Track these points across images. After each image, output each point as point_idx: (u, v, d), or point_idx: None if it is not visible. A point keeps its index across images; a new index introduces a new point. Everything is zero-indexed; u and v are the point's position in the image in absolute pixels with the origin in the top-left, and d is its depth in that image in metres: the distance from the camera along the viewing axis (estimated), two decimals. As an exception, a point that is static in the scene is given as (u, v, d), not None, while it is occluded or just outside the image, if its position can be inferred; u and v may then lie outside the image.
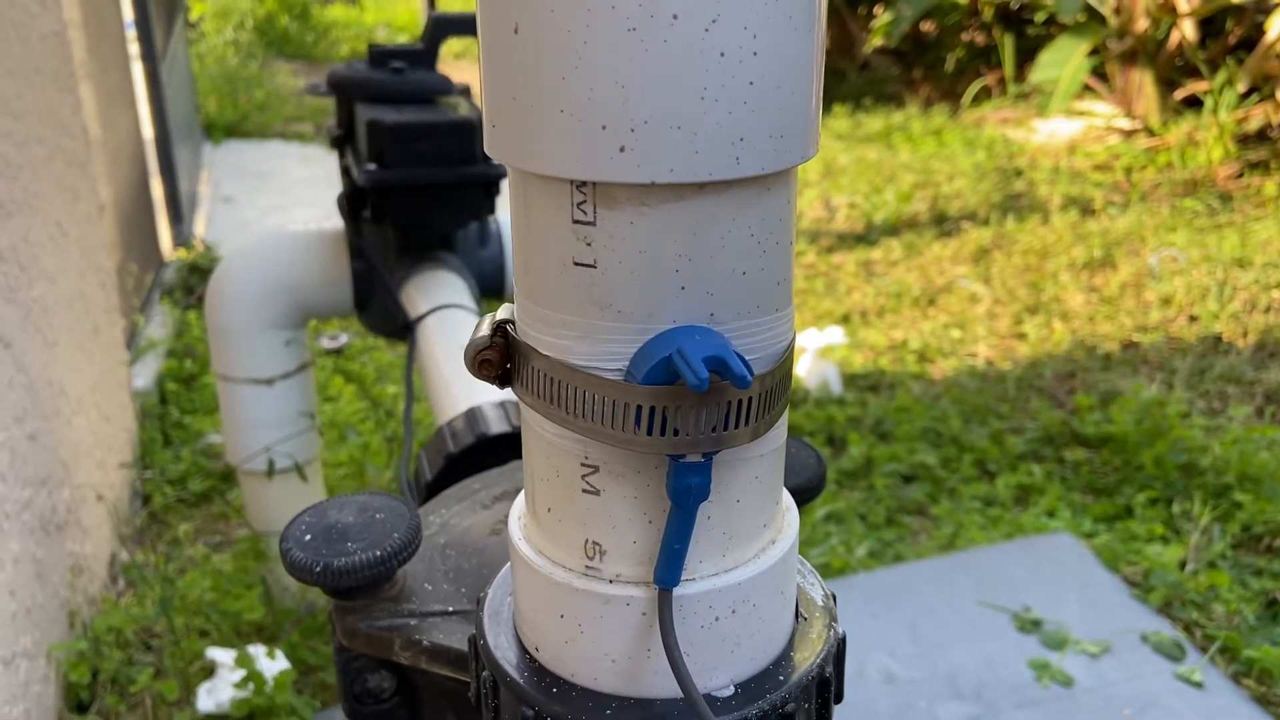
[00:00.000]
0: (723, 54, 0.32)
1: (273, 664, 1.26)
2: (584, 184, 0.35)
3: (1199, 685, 1.37)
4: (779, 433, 0.41)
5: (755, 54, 0.33)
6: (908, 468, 1.97)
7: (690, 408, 0.36)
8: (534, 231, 0.37)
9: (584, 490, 0.39)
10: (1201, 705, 1.34)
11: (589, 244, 0.36)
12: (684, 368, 0.34)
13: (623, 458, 0.38)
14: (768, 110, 0.34)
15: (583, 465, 0.39)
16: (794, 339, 0.40)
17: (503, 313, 0.41)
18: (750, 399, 0.37)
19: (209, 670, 1.31)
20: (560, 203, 0.36)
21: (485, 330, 0.40)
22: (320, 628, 1.42)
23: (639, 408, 0.36)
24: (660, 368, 0.36)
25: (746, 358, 0.36)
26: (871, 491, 1.91)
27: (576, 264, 0.36)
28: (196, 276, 2.75)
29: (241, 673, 1.24)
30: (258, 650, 1.28)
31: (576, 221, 0.36)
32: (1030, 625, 1.48)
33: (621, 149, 0.33)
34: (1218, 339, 2.53)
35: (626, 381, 0.36)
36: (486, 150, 0.38)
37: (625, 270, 0.36)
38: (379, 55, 1.27)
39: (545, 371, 0.38)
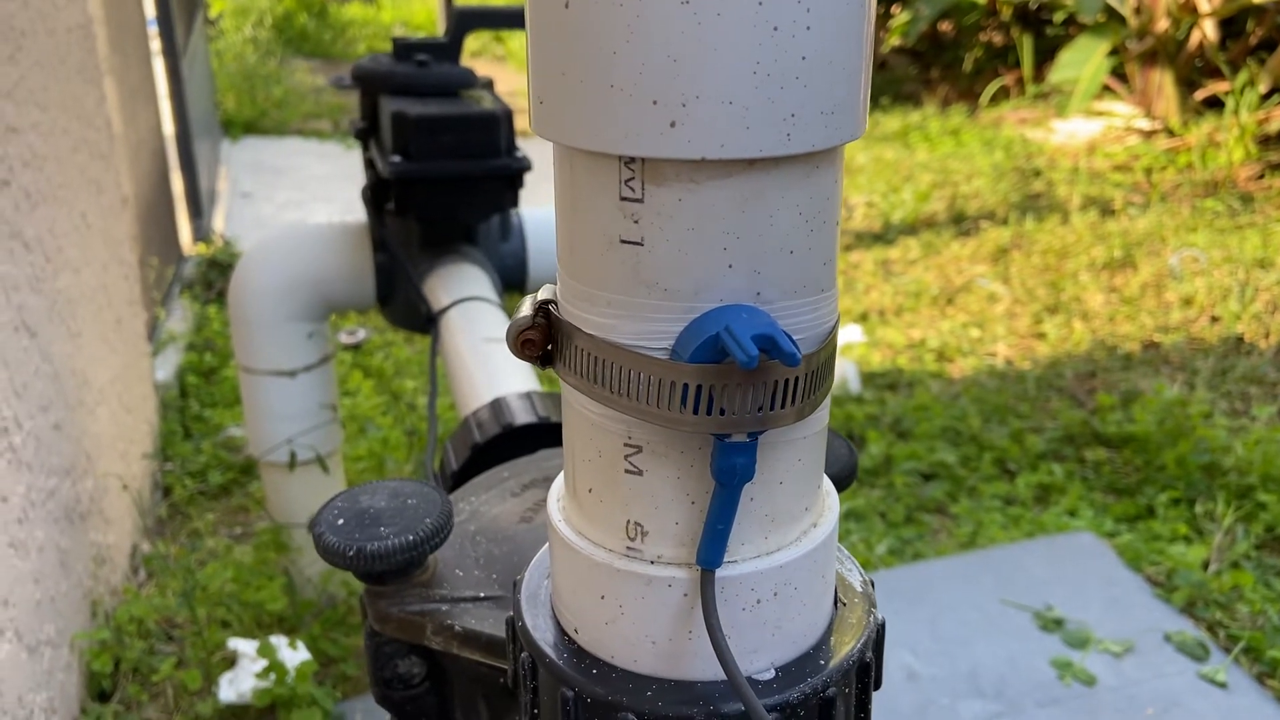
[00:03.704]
0: (776, 28, 0.32)
1: (294, 654, 1.26)
2: (633, 160, 0.35)
3: (1223, 685, 1.36)
4: (822, 415, 0.41)
5: (809, 28, 0.32)
6: (927, 466, 1.97)
7: (737, 387, 0.36)
8: (580, 209, 0.37)
9: (627, 470, 0.39)
10: (1225, 705, 1.33)
11: (636, 221, 0.36)
12: (733, 346, 0.34)
13: (666, 438, 0.38)
14: (819, 86, 0.33)
15: (626, 445, 0.39)
16: (838, 320, 0.40)
17: (544, 293, 0.41)
18: (797, 379, 0.36)
19: (230, 660, 1.31)
20: (608, 180, 0.36)
21: (527, 310, 0.40)
22: (340, 619, 1.43)
23: (685, 386, 0.36)
24: (707, 346, 0.35)
25: (793, 337, 0.36)
26: (891, 489, 1.90)
27: (623, 241, 0.36)
28: (215, 271, 2.76)
29: (262, 663, 1.25)
30: (279, 641, 1.28)
31: (624, 199, 0.35)
32: (1052, 624, 1.47)
33: (672, 124, 0.33)
34: (1239, 340, 2.52)
35: (672, 360, 0.36)
36: (533, 128, 0.37)
37: (672, 248, 0.35)
38: (403, 48, 1.27)
39: (589, 351, 0.38)
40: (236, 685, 1.25)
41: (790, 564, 0.40)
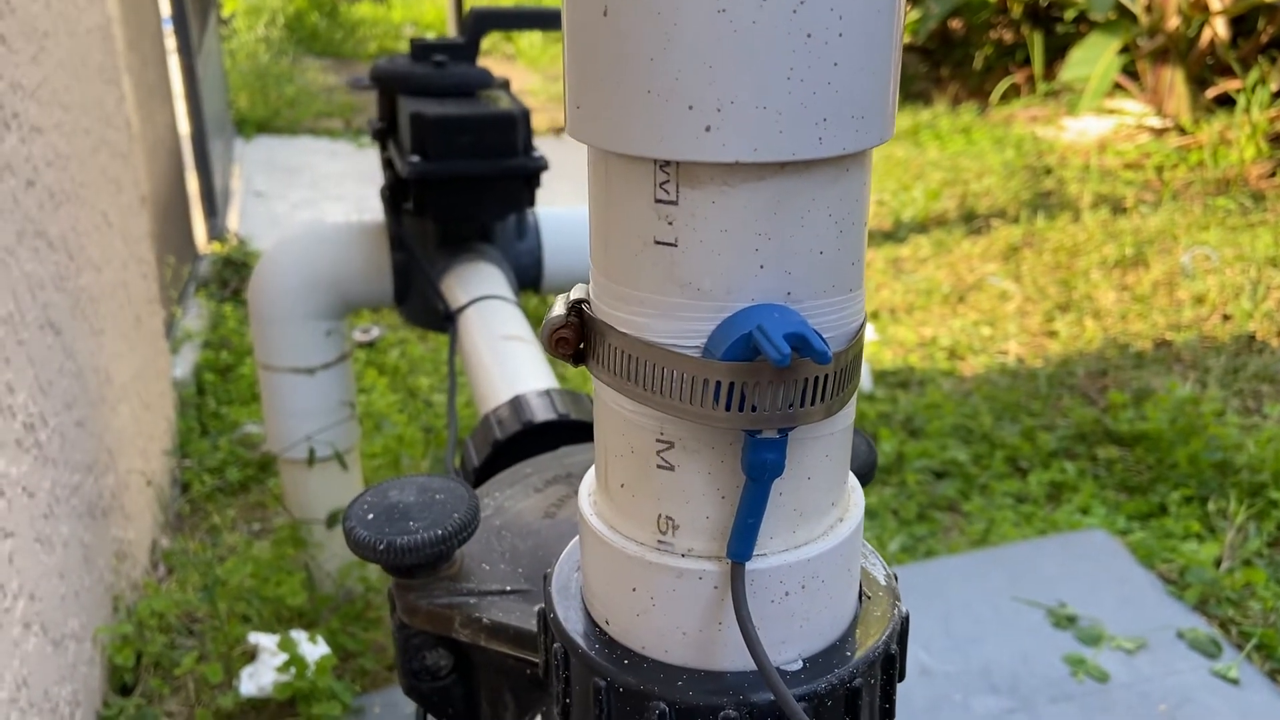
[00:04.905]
0: (809, 35, 0.33)
1: (314, 649, 1.28)
2: (667, 164, 0.36)
3: (1235, 682, 1.37)
4: (849, 412, 0.42)
5: (841, 35, 0.33)
6: (939, 464, 1.97)
7: (768, 384, 0.37)
8: (614, 211, 0.38)
9: (659, 466, 0.40)
10: (1238, 702, 1.34)
11: (670, 223, 0.36)
12: (765, 344, 0.35)
13: (698, 433, 0.39)
14: (850, 91, 0.34)
15: (658, 441, 0.40)
16: (865, 319, 0.41)
17: (577, 292, 0.42)
18: (826, 376, 0.37)
19: (251, 654, 1.33)
20: (643, 183, 0.36)
21: (560, 309, 0.41)
22: (359, 614, 1.44)
23: (718, 384, 0.37)
24: (739, 344, 0.36)
25: (823, 335, 0.37)
26: (903, 487, 1.91)
27: (657, 243, 0.37)
28: (230, 269, 2.78)
29: (283, 657, 1.26)
30: (299, 635, 1.30)
31: (659, 201, 0.36)
32: (1065, 621, 1.48)
33: (707, 129, 0.34)
34: (1252, 338, 2.51)
35: (705, 358, 0.37)
36: (569, 133, 0.38)
37: (706, 249, 0.36)
38: (420, 49, 1.28)
39: (622, 349, 0.39)
40: (257, 679, 1.27)
41: (818, 557, 0.41)
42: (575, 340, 0.41)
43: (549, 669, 0.46)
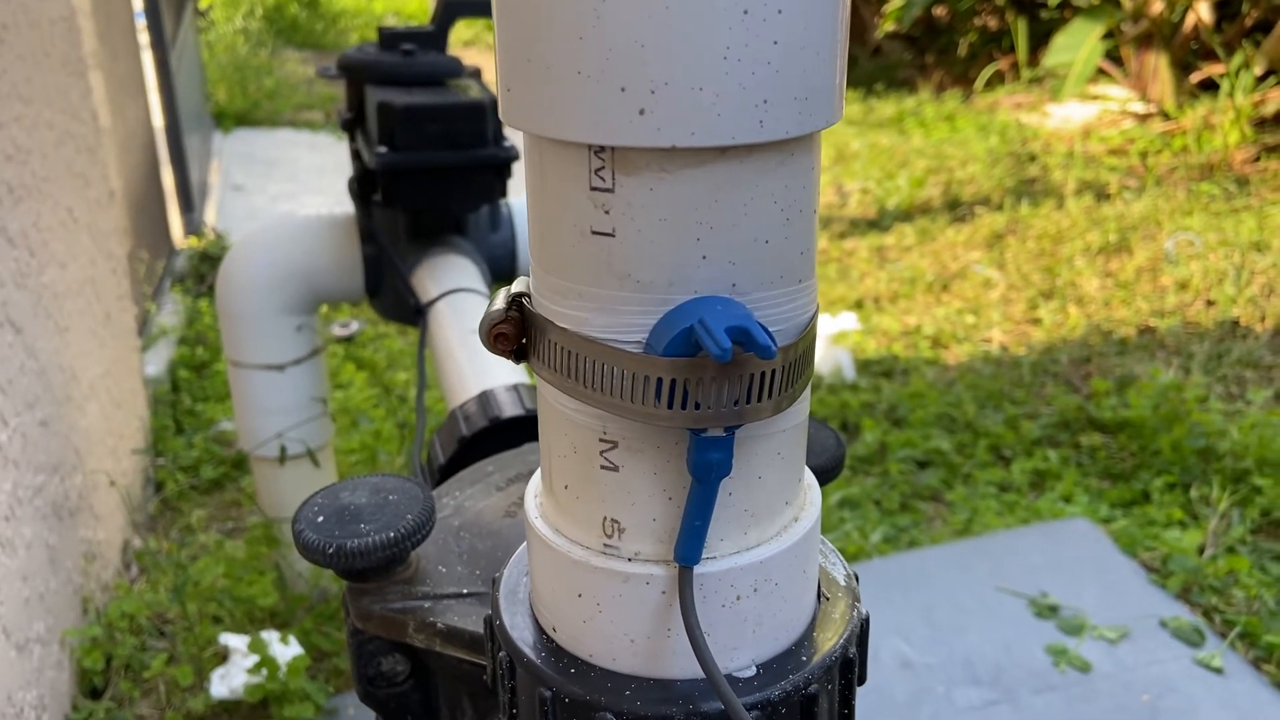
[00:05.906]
0: (746, 11, 0.31)
1: (286, 649, 1.26)
2: (602, 149, 0.34)
3: (1219, 671, 1.36)
4: (802, 408, 0.40)
5: (780, 11, 0.32)
6: (922, 453, 1.96)
7: (712, 380, 0.35)
8: (550, 200, 0.36)
9: (602, 466, 0.38)
10: (1221, 690, 1.33)
11: (607, 212, 0.35)
12: (706, 338, 0.33)
13: (642, 433, 0.37)
14: (792, 71, 0.33)
15: (601, 440, 0.38)
16: (817, 311, 0.39)
17: (518, 285, 0.40)
18: (773, 371, 0.36)
19: (222, 656, 1.31)
20: (578, 169, 0.35)
21: (500, 303, 0.39)
22: (333, 614, 1.42)
23: (659, 380, 0.35)
24: (681, 339, 0.34)
25: (770, 329, 0.35)
26: (886, 477, 1.89)
27: (594, 233, 0.35)
28: (207, 264, 2.75)
29: (255, 658, 1.24)
30: (271, 636, 1.28)
31: (594, 189, 0.35)
32: (1047, 611, 1.47)
33: (641, 111, 0.32)
34: (1235, 323, 2.51)
35: (646, 353, 0.35)
36: (502, 116, 0.37)
37: (645, 239, 0.35)
38: (389, 38, 1.26)
39: (562, 344, 0.37)
40: (228, 681, 1.25)
41: (771, 559, 0.40)
42: (516, 336, 0.40)
43: (496, 678, 0.44)
